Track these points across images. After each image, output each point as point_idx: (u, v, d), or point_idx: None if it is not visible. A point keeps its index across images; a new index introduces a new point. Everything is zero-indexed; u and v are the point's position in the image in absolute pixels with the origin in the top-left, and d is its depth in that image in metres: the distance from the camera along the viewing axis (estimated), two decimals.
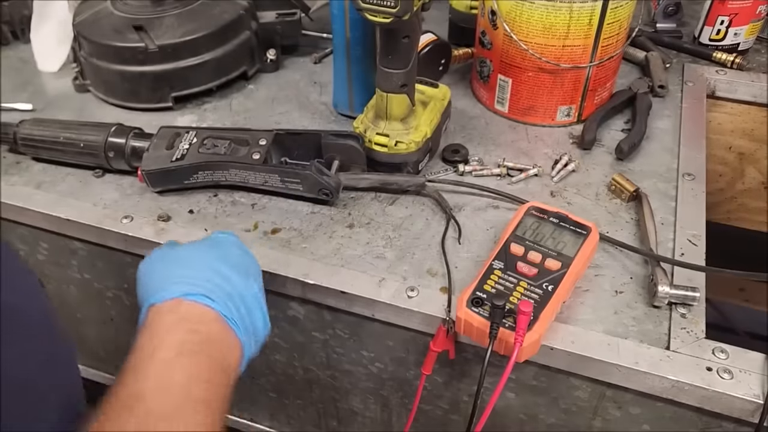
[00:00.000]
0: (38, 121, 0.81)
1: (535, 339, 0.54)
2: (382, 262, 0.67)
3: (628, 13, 0.78)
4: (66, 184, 0.79)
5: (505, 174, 0.77)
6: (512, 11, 0.77)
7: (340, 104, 0.87)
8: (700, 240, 0.67)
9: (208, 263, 0.53)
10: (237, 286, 0.53)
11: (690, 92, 0.90)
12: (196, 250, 0.55)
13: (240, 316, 0.51)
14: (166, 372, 0.44)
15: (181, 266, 0.53)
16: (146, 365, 0.44)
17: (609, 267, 0.66)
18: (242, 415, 0.97)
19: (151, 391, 0.42)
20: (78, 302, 0.87)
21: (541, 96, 0.83)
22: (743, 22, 0.95)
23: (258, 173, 0.73)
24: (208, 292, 0.50)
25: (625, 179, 0.73)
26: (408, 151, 0.74)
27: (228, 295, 0.51)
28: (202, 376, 0.45)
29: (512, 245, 0.61)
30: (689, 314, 0.60)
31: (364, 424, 0.84)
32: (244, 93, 0.94)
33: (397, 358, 0.70)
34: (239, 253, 0.57)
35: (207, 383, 0.45)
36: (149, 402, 0.41)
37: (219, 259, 0.54)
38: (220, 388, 0.46)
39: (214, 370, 0.46)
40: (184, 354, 0.45)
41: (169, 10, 0.90)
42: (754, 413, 0.54)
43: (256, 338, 0.54)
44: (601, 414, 0.64)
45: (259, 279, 0.57)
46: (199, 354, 0.46)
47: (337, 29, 0.78)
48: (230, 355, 0.49)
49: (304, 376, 0.81)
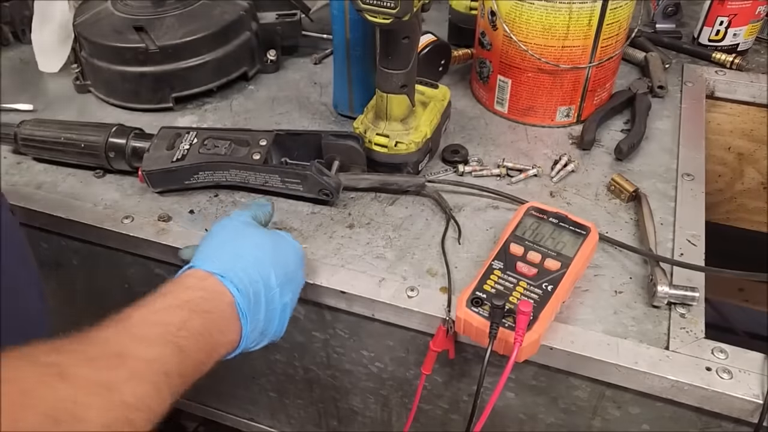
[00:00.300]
0: (39, 122, 0.81)
1: (534, 339, 0.54)
2: (382, 262, 0.67)
3: (627, 14, 0.79)
4: (67, 184, 0.79)
5: (504, 174, 0.77)
6: (512, 12, 0.77)
7: (341, 105, 0.87)
8: (699, 240, 0.67)
9: (260, 260, 0.55)
10: (270, 290, 0.55)
11: (689, 93, 0.91)
12: (260, 241, 0.57)
13: (254, 313, 0.53)
14: (161, 315, 0.47)
15: (238, 248, 0.55)
16: (148, 300, 0.48)
17: (608, 267, 0.66)
18: (242, 414, 0.97)
19: (145, 316, 0.46)
20: (78, 302, 0.88)
21: (540, 96, 0.83)
22: (742, 22, 0.95)
23: (258, 173, 0.73)
24: (238, 282, 0.52)
25: (624, 179, 0.73)
26: (408, 152, 0.74)
27: (255, 293, 0.53)
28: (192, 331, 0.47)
29: (512, 245, 0.61)
30: (688, 314, 0.60)
31: (364, 423, 0.84)
32: (245, 93, 0.94)
33: (397, 358, 0.70)
34: (293, 263, 0.59)
35: (194, 338, 0.47)
36: (133, 322, 0.45)
37: (272, 260, 0.56)
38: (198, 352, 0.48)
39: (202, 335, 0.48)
40: (184, 308, 0.48)
41: (169, 11, 0.90)
42: (753, 413, 0.55)
43: (262, 338, 0.56)
44: (601, 414, 0.64)
45: (296, 292, 0.60)
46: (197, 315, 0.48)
47: (337, 30, 0.78)
48: (224, 336, 0.51)
49: (305, 376, 0.81)
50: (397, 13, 0.62)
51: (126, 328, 0.44)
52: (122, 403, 0.39)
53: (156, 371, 0.43)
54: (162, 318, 0.47)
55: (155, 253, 0.71)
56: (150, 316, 0.47)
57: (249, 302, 0.52)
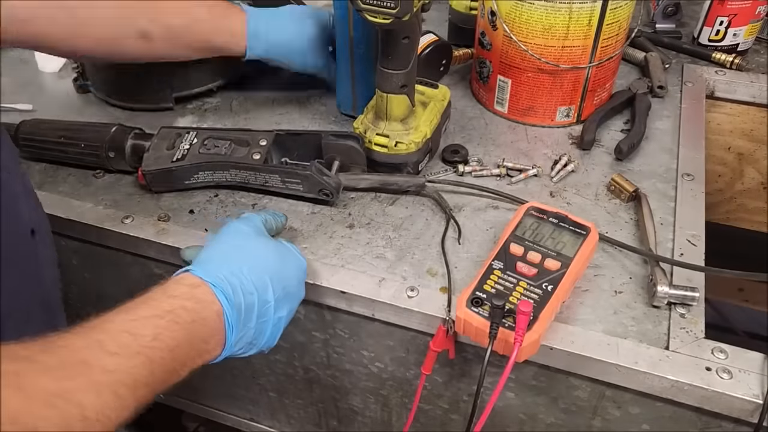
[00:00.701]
0: (39, 122, 0.81)
1: (534, 339, 0.54)
2: (382, 262, 0.67)
3: (627, 14, 0.79)
4: (67, 184, 0.79)
5: (504, 174, 0.77)
6: (512, 12, 0.77)
7: (344, 104, 0.87)
8: (699, 240, 0.67)
9: (260, 272, 0.54)
10: (265, 304, 0.54)
11: (689, 93, 0.91)
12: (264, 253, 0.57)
13: (243, 325, 0.53)
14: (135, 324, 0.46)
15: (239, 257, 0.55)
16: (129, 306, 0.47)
17: (608, 267, 0.66)
18: (243, 414, 0.97)
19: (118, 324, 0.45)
20: (78, 302, 0.88)
21: (540, 96, 0.83)
22: (742, 22, 0.95)
23: (258, 173, 0.73)
24: (231, 294, 0.51)
25: (624, 179, 0.73)
26: (408, 152, 0.74)
27: (248, 306, 0.53)
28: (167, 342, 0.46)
29: (512, 245, 0.61)
30: (688, 314, 0.60)
31: (364, 423, 0.84)
32: (245, 94, 0.94)
33: (397, 358, 0.71)
34: (295, 278, 0.59)
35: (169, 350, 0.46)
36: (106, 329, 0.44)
37: (273, 273, 0.55)
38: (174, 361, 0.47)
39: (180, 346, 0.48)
40: (164, 318, 0.47)
41: None
42: (753, 413, 0.55)
43: (249, 347, 0.56)
44: (601, 414, 0.64)
45: (294, 308, 0.59)
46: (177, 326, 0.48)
47: (341, 29, 0.78)
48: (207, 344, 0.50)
49: (305, 376, 0.81)
50: (397, 13, 0.62)
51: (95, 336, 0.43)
52: (80, 415, 0.38)
53: (120, 382, 0.42)
54: (136, 328, 0.45)
55: (155, 253, 0.72)
56: (125, 324, 0.45)
57: (239, 315, 0.52)
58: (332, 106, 0.90)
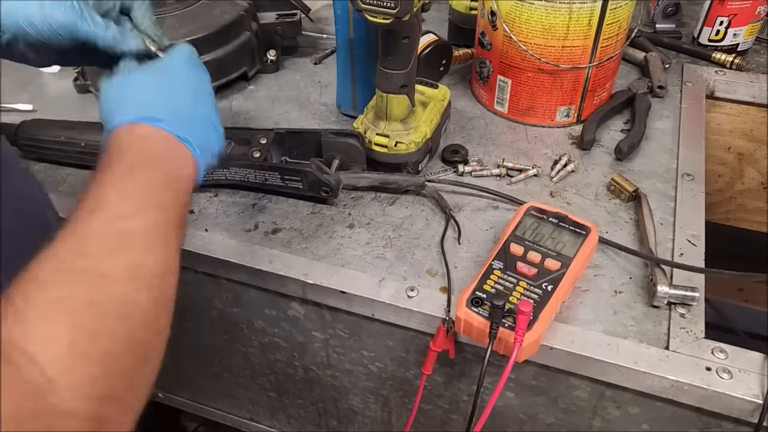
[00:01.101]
0: (39, 122, 0.81)
1: (534, 339, 0.54)
2: (382, 262, 0.67)
3: (627, 14, 0.79)
4: (67, 184, 0.79)
5: (504, 174, 0.77)
6: (512, 12, 0.77)
7: (344, 104, 0.87)
8: (699, 240, 0.67)
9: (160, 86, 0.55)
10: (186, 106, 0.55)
11: (689, 93, 0.91)
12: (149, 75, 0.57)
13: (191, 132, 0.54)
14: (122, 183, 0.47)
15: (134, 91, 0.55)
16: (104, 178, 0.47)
17: (608, 267, 0.66)
18: (242, 414, 0.97)
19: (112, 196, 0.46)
20: None
21: (540, 96, 0.83)
22: (742, 22, 0.95)
23: (258, 171, 0.73)
24: (157, 114, 0.52)
25: (624, 179, 0.73)
26: (408, 152, 0.74)
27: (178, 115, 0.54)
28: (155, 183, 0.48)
29: (512, 245, 0.61)
30: (688, 314, 0.60)
31: (364, 423, 0.84)
32: (245, 93, 0.95)
33: (397, 358, 0.71)
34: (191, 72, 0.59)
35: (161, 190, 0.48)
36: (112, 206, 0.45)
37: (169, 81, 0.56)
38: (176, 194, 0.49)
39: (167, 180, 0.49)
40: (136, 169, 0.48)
41: (169, 11, 0.90)
42: (753, 413, 0.55)
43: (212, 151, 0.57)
44: (601, 413, 0.64)
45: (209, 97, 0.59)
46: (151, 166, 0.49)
47: (341, 29, 0.78)
48: (183, 167, 0.52)
49: (305, 376, 0.81)
50: (397, 13, 0.62)
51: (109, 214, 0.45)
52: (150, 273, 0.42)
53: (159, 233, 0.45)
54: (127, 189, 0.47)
55: None
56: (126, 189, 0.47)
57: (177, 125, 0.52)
58: (332, 106, 0.90)
